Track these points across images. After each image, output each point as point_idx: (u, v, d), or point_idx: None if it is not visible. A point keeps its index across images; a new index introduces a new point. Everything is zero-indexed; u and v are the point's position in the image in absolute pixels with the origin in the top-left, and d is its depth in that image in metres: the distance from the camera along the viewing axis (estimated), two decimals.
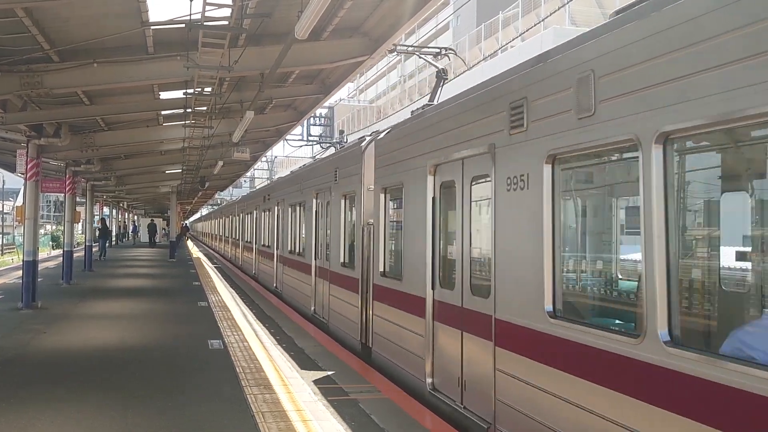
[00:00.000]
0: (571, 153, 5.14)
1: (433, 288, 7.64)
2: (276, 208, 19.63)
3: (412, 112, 9.35)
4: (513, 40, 27.73)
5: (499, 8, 37.27)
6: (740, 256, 5.14)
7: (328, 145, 30.04)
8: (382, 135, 10.12)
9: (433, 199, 7.59)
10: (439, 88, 10.81)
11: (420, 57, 13.31)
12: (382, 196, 9.55)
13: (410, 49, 13.36)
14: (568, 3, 24.13)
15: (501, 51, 30.37)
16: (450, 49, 12.68)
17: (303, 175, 16.71)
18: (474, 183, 6.76)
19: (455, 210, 7.09)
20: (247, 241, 28.02)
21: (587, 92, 4.76)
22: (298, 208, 16.41)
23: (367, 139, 11.14)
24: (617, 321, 5.84)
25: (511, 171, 5.82)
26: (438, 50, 12.28)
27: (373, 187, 10.02)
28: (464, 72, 26.97)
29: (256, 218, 24.98)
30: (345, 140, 29.51)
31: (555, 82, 5.26)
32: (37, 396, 7.24)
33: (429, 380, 7.59)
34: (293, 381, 8.02)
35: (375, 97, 66.71)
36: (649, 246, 4.19)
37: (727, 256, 5.17)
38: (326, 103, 25.76)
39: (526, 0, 33.52)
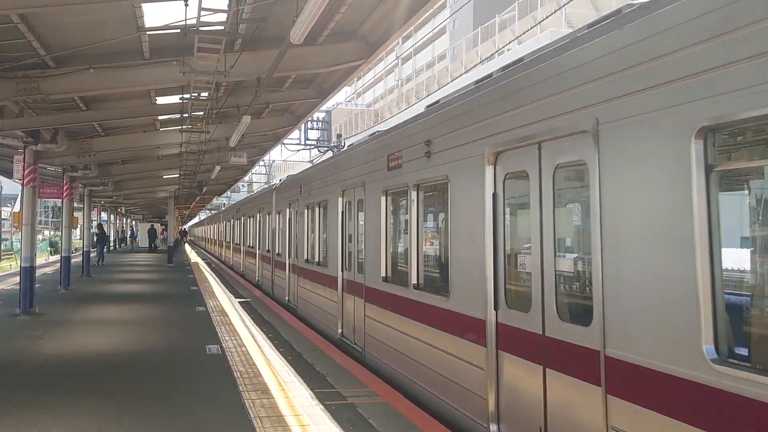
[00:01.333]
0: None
1: (496, 309, 6.17)
2: (288, 210, 17.01)
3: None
4: (510, 43, 27.74)
5: (496, 11, 37.34)
6: None
7: (325, 149, 30.05)
8: None
9: (494, 194, 6.22)
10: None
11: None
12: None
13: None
14: (564, 5, 24.18)
15: (498, 54, 30.41)
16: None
17: (330, 167, 13.24)
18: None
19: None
20: (250, 246, 25.94)
21: None
22: (317, 210, 13.61)
23: None
24: None
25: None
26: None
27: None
28: (461, 75, 27.01)
29: (261, 222, 23.82)
30: (342, 144, 29.51)
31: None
32: (34, 401, 7.23)
33: (494, 428, 6.07)
34: (291, 385, 8.01)
35: (372, 100, 66.75)
36: None
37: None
38: (323, 107, 25.79)
39: (522, 3, 33.57)
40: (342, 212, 11.74)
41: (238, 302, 17.24)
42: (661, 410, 4.04)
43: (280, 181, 21.39)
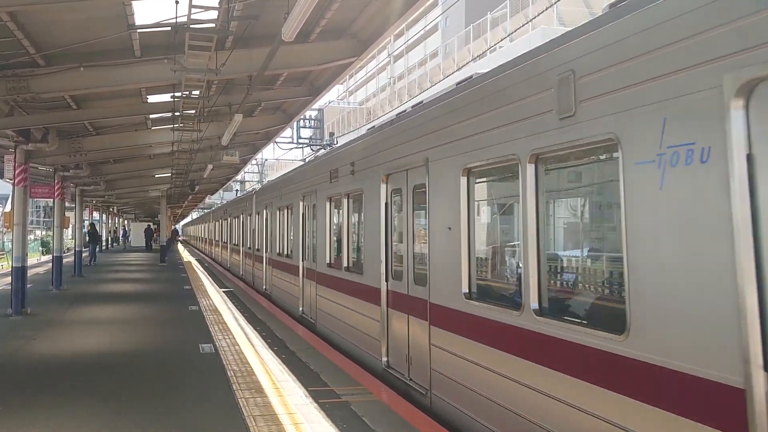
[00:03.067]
0: None
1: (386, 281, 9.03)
2: (302, 203, 14.34)
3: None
4: (501, 40, 27.78)
5: (488, 9, 37.35)
6: None
7: (318, 147, 30.00)
8: None
9: (386, 204, 9.17)
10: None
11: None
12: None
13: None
14: (555, 3, 24.21)
15: (490, 51, 30.43)
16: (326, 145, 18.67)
17: (291, 178, 15.86)
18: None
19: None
20: (249, 248, 23.04)
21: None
22: (347, 203, 11.07)
23: None
24: None
25: None
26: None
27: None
28: (453, 73, 27.02)
29: (243, 222, 25.51)
30: (335, 142, 29.47)
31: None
32: (27, 402, 7.19)
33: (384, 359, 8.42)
34: (285, 384, 8.00)
35: (365, 98, 66.72)
36: None
37: None
38: (315, 106, 25.77)
39: (514, 1, 33.59)
40: (303, 213, 14.37)
41: (223, 291, 17.78)
42: (448, 329, 6.77)
43: (254, 189, 25.88)
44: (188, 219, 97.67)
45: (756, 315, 3.37)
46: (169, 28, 9.60)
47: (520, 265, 5.55)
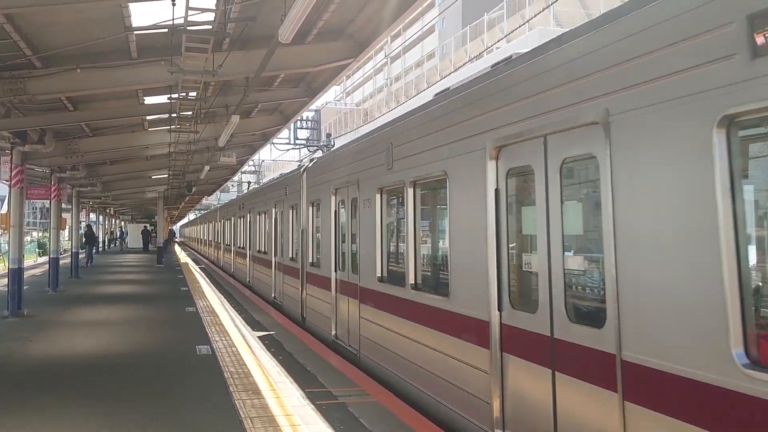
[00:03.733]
0: None
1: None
2: (333, 198, 11.48)
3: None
4: (498, 41, 27.81)
5: (484, 10, 37.39)
6: None
7: (315, 148, 30.00)
8: None
9: (335, 212, 11.61)
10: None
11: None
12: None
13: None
14: (552, 4, 24.25)
15: (486, 53, 30.45)
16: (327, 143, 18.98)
17: (266, 189, 19.73)
18: None
19: None
20: (259, 251, 20.97)
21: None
22: (264, 215, 14.82)
23: None
24: None
25: None
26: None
27: None
28: (450, 74, 27.03)
29: (233, 223, 26.44)
30: (332, 143, 29.47)
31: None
32: (23, 404, 7.18)
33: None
34: (282, 386, 8.00)
35: (362, 99, 66.73)
36: None
37: None
38: (313, 106, 25.75)
39: (511, 2, 33.63)
40: (334, 211, 13.05)
41: (220, 293, 18.02)
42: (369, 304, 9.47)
43: (236, 196, 28.44)
44: (186, 220, 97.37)
45: (334, 254, 9.53)
46: (165, 30, 9.60)
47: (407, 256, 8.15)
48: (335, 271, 11.34)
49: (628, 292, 4.24)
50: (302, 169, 14.35)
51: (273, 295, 17.83)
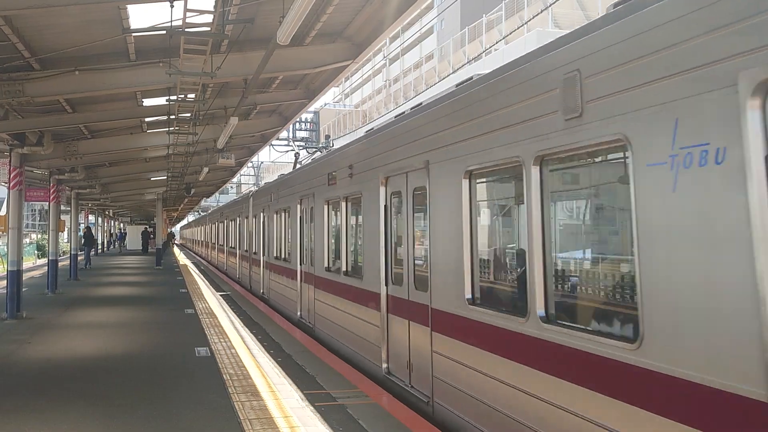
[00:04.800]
0: None
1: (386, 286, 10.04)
2: (363, 194, 9.73)
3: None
4: (497, 43, 27.81)
5: (483, 11, 37.43)
6: None
7: (314, 149, 29.98)
8: None
9: (301, 218, 12.43)
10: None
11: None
12: None
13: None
14: (550, 6, 24.27)
15: (485, 54, 30.47)
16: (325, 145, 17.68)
17: (238, 202, 23.05)
18: None
19: None
20: (280, 258, 18.06)
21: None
22: (249, 220, 15.76)
23: None
24: None
25: None
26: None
27: None
28: (449, 75, 27.04)
29: (224, 227, 27.62)
30: (331, 145, 29.46)
31: None
32: (21, 407, 7.17)
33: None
34: (281, 387, 7.99)
35: (360, 101, 66.76)
36: None
37: None
38: (311, 108, 25.73)
39: (509, 3, 33.67)
40: (386, 206, 16.06)
41: (219, 294, 17.64)
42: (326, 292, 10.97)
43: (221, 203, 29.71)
44: (186, 221, 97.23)
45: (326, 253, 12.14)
46: (164, 32, 9.61)
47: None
48: (300, 264, 14.18)
49: (434, 270, 7.15)
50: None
51: (237, 275, 23.94)
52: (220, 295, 19.42)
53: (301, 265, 14.02)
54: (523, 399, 5.24)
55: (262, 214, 19.69)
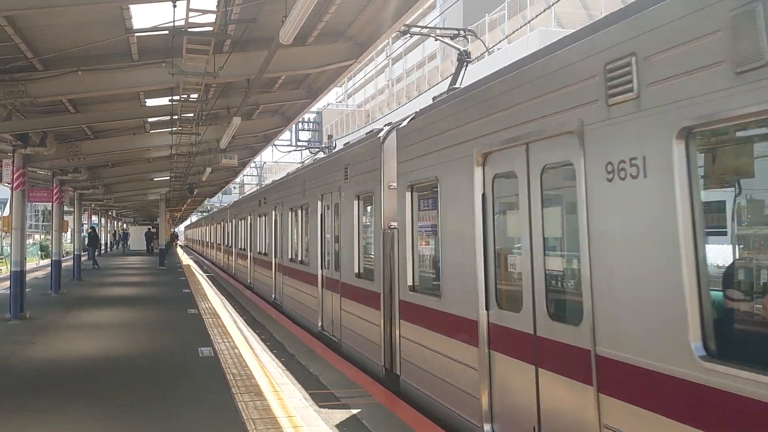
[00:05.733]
0: None
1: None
2: (233, 220, 12.91)
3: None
4: (499, 42, 27.76)
5: (485, 11, 37.39)
6: None
7: (317, 150, 29.97)
8: None
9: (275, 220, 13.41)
10: (462, 71, 10.06)
11: (437, 39, 13.17)
12: None
13: (425, 30, 12.72)
14: (553, 5, 24.23)
15: (488, 53, 30.44)
16: (469, 31, 12.35)
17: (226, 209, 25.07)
18: None
19: None
20: (218, 243, 21.45)
21: None
22: (243, 220, 17.54)
23: None
24: None
25: None
26: (456, 32, 12.05)
27: None
28: (451, 75, 26.99)
29: (224, 227, 29.77)
30: (334, 145, 29.45)
31: None
32: (23, 407, 7.18)
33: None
34: (284, 387, 7.99)
35: (363, 101, 66.72)
36: None
37: None
38: (314, 108, 25.74)
39: (511, 2, 33.61)
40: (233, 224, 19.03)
41: (221, 294, 17.58)
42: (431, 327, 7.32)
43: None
44: (187, 222, 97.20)
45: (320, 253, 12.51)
46: (166, 32, 9.60)
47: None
48: (323, 268, 14.53)
49: (604, 292, 4.63)
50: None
51: (249, 282, 23.56)
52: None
53: (322, 269, 12.68)
54: None
55: (273, 212, 17.82)
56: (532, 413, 5.29)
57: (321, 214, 12.72)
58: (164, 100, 14.21)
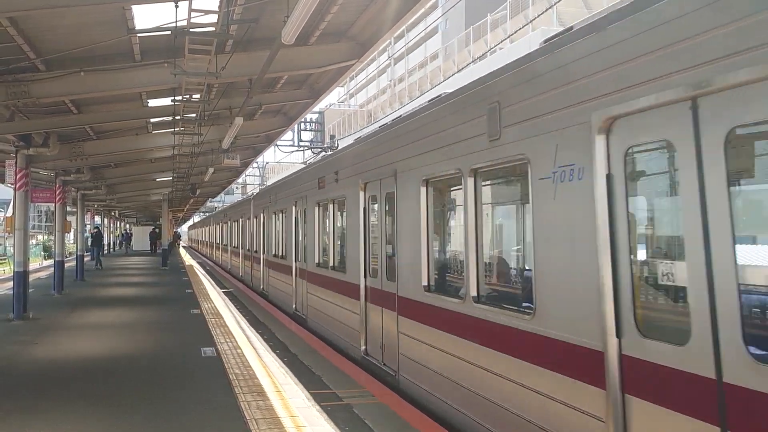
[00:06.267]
0: None
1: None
2: (229, 222, 12.09)
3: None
4: (501, 42, 27.76)
5: (487, 10, 37.38)
6: None
7: (319, 150, 29.99)
8: None
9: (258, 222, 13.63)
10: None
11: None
12: None
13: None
14: (555, 4, 24.22)
15: (490, 53, 30.43)
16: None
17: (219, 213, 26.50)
18: None
19: None
20: (217, 243, 20.27)
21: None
22: (238, 222, 17.97)
23: None
24: None
25: None
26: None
27: None
28: (453, 75, 27.01)
29: (219, 229, 30.68)
30: (336, 145, 29.47)
31: None
32: (27, 407, 7.18)
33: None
34: (287, 387, 7.98)
35: (365, 101, 66.74)
36: None
37: None
38: (316, 108, 25.75)
39: (514, 2, 33.61)
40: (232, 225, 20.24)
41: (224, 294, 17.42)
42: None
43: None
44: (190, 222, 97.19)
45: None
46: (168, 32, 9.61)
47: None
48: (285, 257, 16.57)
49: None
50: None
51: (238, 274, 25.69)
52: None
53: (265, 254, 16.68)
54: None
55: (294, 207, 15.32)
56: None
57: (363, 208, 10.01)
58: (166, 101, 14.23)
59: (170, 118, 15.53)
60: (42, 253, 45.93)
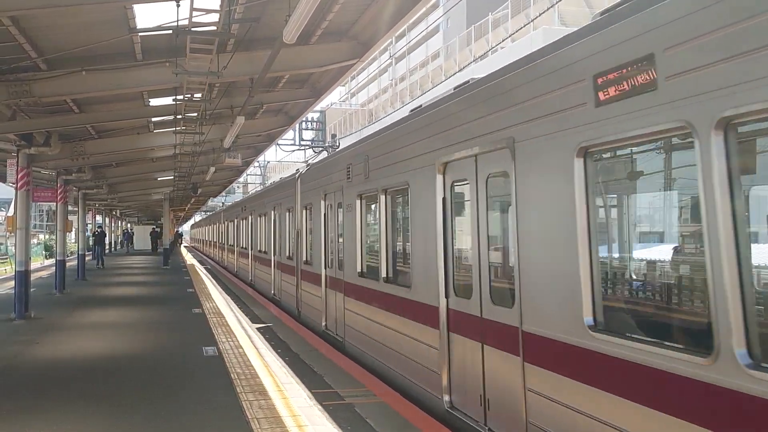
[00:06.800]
0: None
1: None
2: (233, 220, 10.80)
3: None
4: (503, 41, 27.75)
5: (489, 10, 37.33)
6: None
7: (320, 149, 30.00)
8: None
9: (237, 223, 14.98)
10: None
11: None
12: None
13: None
14: (556, 3, 24.18)
15: (491, 52, 30.40)
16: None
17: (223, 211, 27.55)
18: None
19: None
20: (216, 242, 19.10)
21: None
22: (245, 220, 18.86)
23: None
24: None
25: None
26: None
27: None
28: (455, 74, 26.99)
29: (220, 227, 31.60)
30: (338, 144, 29.48)
31: None
32: (28, 407, 7.18)
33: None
34: (288, 386, 7.98)
35: (367, 100, 66.70)
36: None
37: None
38: (317, 107, 25.76)
39: (515, 1, 33.57)
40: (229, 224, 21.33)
41: (226, 294, 17.29)
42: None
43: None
44: (191, 222, 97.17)
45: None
46: (170, 32, 9.60)
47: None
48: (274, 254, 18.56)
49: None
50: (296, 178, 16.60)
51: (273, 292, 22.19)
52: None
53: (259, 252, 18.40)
54: None
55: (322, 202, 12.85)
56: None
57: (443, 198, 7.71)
58: (168, 100, 14.23)
59: (172, 118, 15.54)
60: (43, 252, 45.97)
